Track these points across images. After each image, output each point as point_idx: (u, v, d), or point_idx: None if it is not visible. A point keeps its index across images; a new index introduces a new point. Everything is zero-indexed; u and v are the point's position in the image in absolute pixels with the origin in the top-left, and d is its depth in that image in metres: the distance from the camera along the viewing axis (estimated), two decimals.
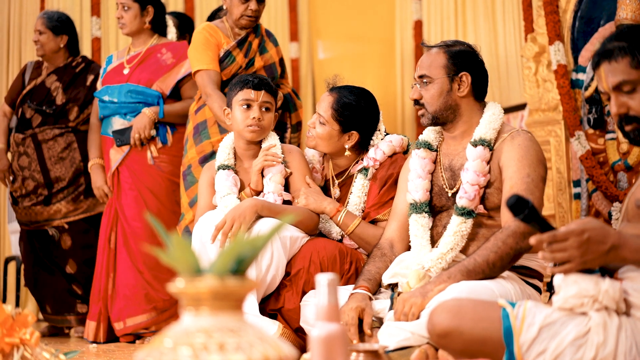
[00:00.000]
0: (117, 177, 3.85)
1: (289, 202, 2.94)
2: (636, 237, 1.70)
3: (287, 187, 2.97)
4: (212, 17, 4.31)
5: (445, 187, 2.58)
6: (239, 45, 3.58)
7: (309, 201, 2.85)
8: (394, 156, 2.92)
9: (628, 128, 1.87)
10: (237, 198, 2.90)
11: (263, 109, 2.97)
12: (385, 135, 2.97)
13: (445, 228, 2.50)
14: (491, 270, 2.29)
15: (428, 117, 2.57)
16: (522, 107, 4.36)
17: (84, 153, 4.12)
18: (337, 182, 3.00)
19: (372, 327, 2.40)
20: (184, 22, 4.59)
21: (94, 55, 5.34)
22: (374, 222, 2.86)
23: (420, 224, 2.54)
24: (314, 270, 2.69)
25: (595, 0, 3.90)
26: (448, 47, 2.56)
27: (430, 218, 2.56)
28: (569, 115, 3.88)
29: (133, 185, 3.83)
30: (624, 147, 3.72)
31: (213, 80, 3.46)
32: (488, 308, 1.81)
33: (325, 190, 3.00)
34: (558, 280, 1.72)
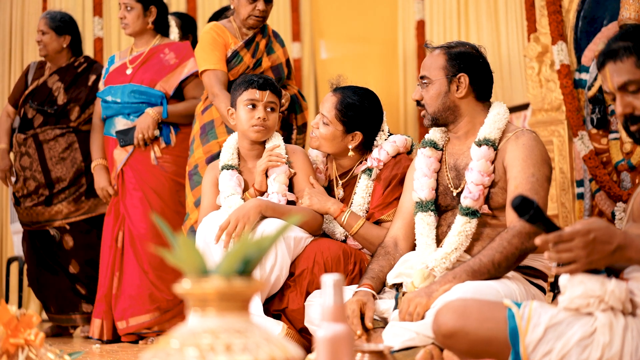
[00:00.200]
0: (122, 178, 3.85)
1: (293, 203, 2.93)
2: None
3: (291, 188, 2.97)
4: (214, 18, 4.31)
5: (450, 187, 2.58)
6: (247, 45, 3.57)
7: (313, 202, 2.84)
8: (398, 157, 2.91)
9: (633, 128, 1.87)
10: (241, 198, 2.89)
11: (268, 109, 2.97)
12: (388, 135, 2.97)
13: (450, 227, 2.51)
14: (496, 270, 2.29)
15: (428, 118, 2.59)
16: (525, 107, 4.35)
17: (85, 153, 4.11)
18: (341, 183, 2.99)
19: (376, 327, 2.40)
20: (187, 23, 4.59)
21: (96, 55, 5.35)
22: (378, 223, 2.86)
23: (426, 222, 2.54)
24: (318, 270, 2.69)
25: (598, 0, 3.89)
26: (448, 49, 2.57)
27: (435, 216, 2.56)
28: (572, 115, 3.88)
29: (137, 185, 3.82)
30: (628, 147, 3.71)
31: (220, 80, 3.45)
32: (494, 308, 1.81)
33: (328, 190, 3.00)
34: (564, 280, 1.71)
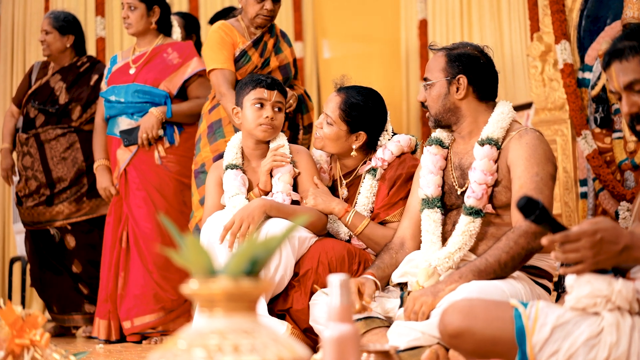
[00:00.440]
0: (125, 178, 3.85)
1: (297, 202, 2.93)
2: None
3: (295, 188, 2.96)
4: (215, 19, 4.31)
5: (455, 186, 2.58)
6: (255, 44, 3.56)
7: (318, 202, 2.84)
8: (402, 156, 2.90)
9: (639, 127, 1.86)
10: (246, 198, 2.89)
11: (275, 109, 2.97)
12: (392, 135, 2.96)
13: (455, 226, 2.50)
14: (502, 270, 2.29)
15: (432, 120, 2.61)
16: (528, 106, 4.35)
17: (87, 153, 4.11)
18: (345, 183, 2.99)
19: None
20: (191, 23, 4.59)
21: (98, 55, 5.34)
22: (383, 224, 2.85)
23: (432, 219, 2.54)
24: (323, 270, 2.69)
25: None
26: (449, 51, 2.57)
27: (442, 214, 2.56)
28: (576, 114, 3.87)
29: (141, 185, 3.82)
30: (631, 146, 3.71)
31: (228, 79, 3.44)
32: (500, 308, 1.81)
33: (332, 190, 2.99)
34: (570, 280, 1.71)
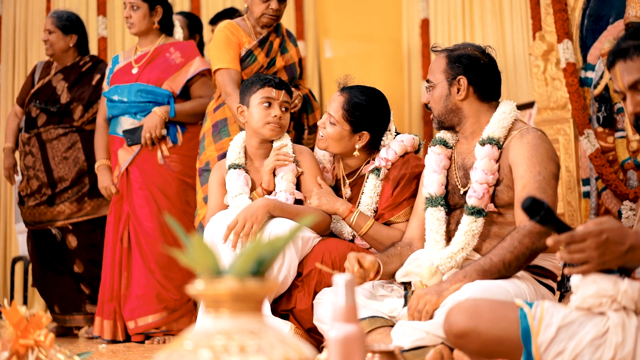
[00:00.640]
0: (127, 177, 3.84)
1: (301, 201, 2.93)
2: None
3: (298, 187, 2.96)
4: (217, 19, 4.31)
5: (458, 185, 2.58)
6: (261, 44, 3.56)
7: (322, 202, 2.84)
8: (406, 156, 2.90)
9: None
10: (249, 198, 2.89)
11: (282, 109, 2.97)
12: (396, 135, 2.96)
13: (457, 226, 2.50)
14: (507, 270, 2.29)
15: (435, 122, 2.61)
16: (531, 106, 4.34)
17: (88, 153, 4.10)
18: (348, 182, 2.99)
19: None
20: (194, 23, 4.60)
21: (100, 54, 5.34)
22: (388, 224, 2.85)
23: (435, 218, 2.54)
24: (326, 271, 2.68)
25: None
26: (450, 52, 2.58)
27: (445, 212, 2.56)
28: (578, 113, 3.87)
29: (143, 185, 3.81)
30: (634, 146, 3.70)
31: (233, 79, 3.44)
32: (505, 308, 1.81)
33: (335, 190, 2.99)
34: (576, 280, 1.70)
